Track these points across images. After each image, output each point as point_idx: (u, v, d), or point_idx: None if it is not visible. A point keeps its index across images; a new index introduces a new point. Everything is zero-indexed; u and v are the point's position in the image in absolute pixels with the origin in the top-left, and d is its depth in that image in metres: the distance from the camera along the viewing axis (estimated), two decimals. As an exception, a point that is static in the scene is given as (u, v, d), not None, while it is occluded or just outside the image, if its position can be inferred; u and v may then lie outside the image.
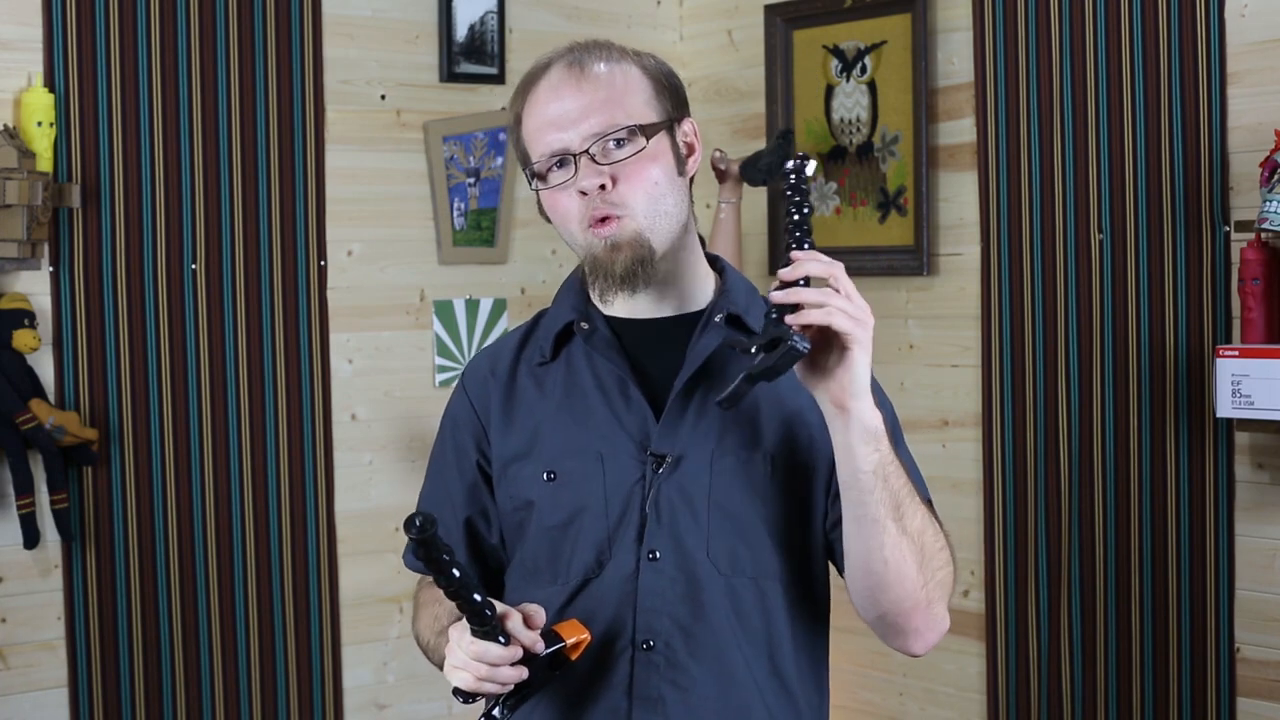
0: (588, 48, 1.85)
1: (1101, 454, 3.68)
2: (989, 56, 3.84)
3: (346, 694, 4.08)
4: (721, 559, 1.79)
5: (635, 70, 1.84)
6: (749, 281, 1.94)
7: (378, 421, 4.14)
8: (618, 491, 1.80)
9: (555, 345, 1.88)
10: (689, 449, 1.80)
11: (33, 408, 3.55)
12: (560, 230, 1.85)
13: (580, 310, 1.88)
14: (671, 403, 1.81)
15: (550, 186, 1.82)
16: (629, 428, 1.81)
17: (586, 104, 1.79)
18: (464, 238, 4.28)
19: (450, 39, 4.24)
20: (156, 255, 3.79)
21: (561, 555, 1.82)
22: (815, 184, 4.29)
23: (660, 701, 1.78)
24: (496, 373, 1.91)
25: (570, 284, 1.92)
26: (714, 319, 1.85)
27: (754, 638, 1.81)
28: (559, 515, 1.82)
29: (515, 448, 1.86)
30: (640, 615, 1.78)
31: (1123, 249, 3.62)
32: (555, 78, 1.82)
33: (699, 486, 1.79)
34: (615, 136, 1.79)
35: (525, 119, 1.84)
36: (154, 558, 3.80)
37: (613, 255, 1.79)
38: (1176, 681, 3.59)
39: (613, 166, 1.79)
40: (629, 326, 1.86)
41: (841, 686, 4.22)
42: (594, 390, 1.84)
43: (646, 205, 1.79)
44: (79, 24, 3.67)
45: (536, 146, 1.82)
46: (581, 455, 1.82)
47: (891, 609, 1.77)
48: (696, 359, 1.82)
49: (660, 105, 1.84)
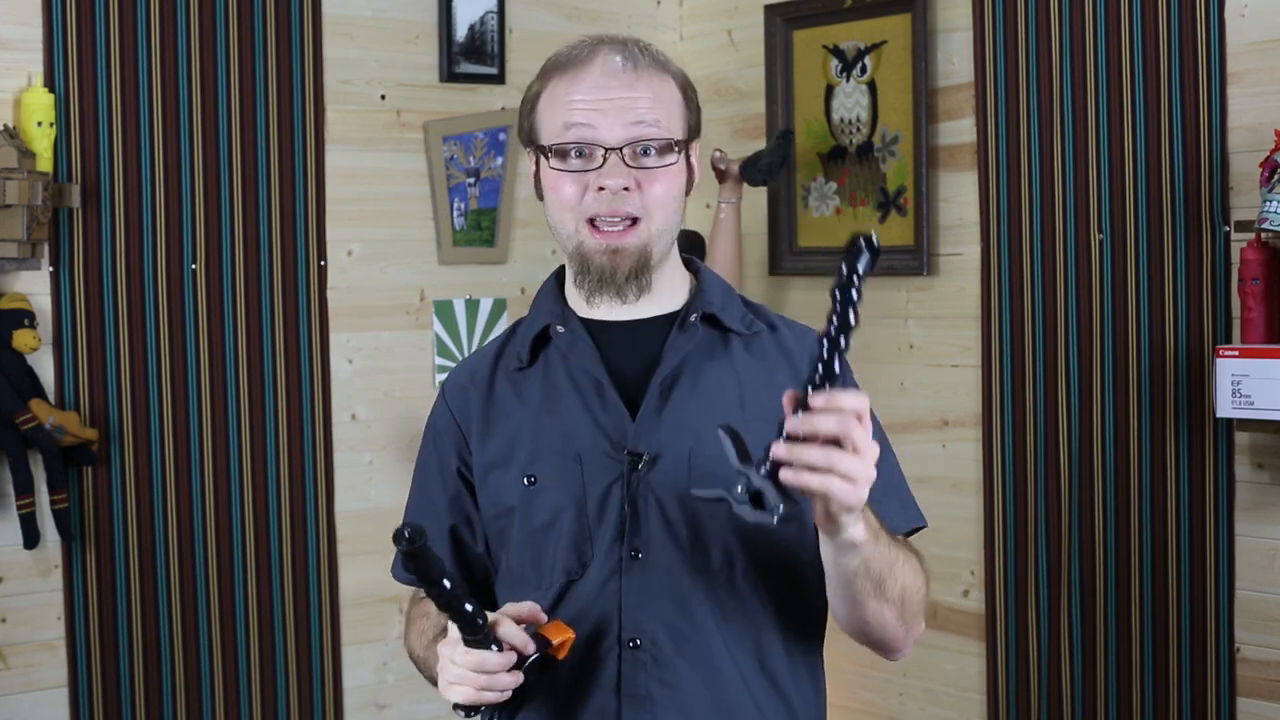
0: (642, 48, 1.83)
1: (1101, 454, 3.68)
2: (989, 56, 3.84)
3: (346, 694, 4.09)
4: (702, 557, 1.79)
5: (675, 84, 1.84)
6: (724, 281, 1.94)
7: (378, 421, 4.14)
8: (597, 491, 1.80)
9: (532, 350, 1.88)
10: (666, 446, 1.80)
11: (33, 408, 3.55)
12: (550, 212, 1.84)
13: (555, 314, 1.88)
14: (647, 401, 1.81)
15: (567, 169, 1.80)
16: (606, 428, 1.81)
17: (633, 103, 1.78)
18: (464, 238, 4.28)
19: (450, 39, 4.24)
20: (156, 255, 3.79)
21: (545, 558, 1.82)
22: (815, 183, 4.29)
23: (649, 700, 1.78)
24: (475, 381, 1.91)
25: (546, 289, 1.93)
26: (690, 318, 1.85)
27: (739, 634, 1.81)
28: (540, 519, 1.82)
29: (495, 455, 1.87)
30: (625, 614, 1.78)
31: (1123, 249, 3.62)
32: (606, 66, 1.80)
33: (677, 484, 1.79)
34: (652, 145, 1.79)
35: (556, 95, 1.81)
36: (154, 558, 3.80)
37: (614, 261, 1.79)
38: (1176, 681, 3.59)
39: (639, 172, 1.78)
40: (605, 328, 1.86)
41: (841, 686, 4.22)
42: (570, 392, 1.84)
43: (661, 216, 1.80)
44: (79, 24, 3.67)
45: (563, 127, 1.80)
46: (560, 458, 1.82)
47: (873, 643, 1.84)
48: (672, 359, 1.83)
49: (686, 123, 1.84)
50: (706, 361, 1.84)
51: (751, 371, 1.85)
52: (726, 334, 1.87)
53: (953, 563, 3.97)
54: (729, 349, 1.87)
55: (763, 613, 1.82)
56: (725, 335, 1.87)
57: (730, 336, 1.87)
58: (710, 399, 1.82)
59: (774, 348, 1.88)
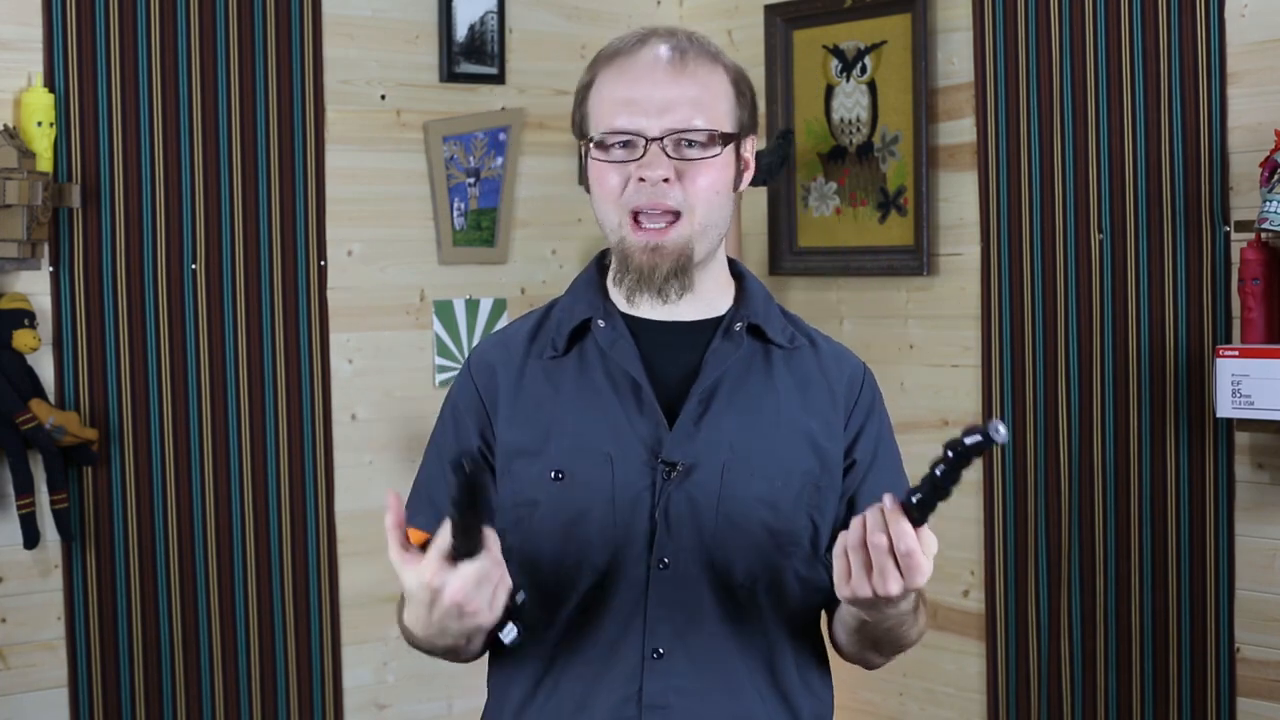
0: (691, 38, 1.83)
1: (1101, 454, 3.68)
2: (989, 56, 3.84)
3: (346, 694, 4.08)
4: (724, 570, 1.78)
5: (727, 77, 1.82)
6: (767, 289, 1.91)
7: (378, 421, 4.14)
8: (626, 496, 1.77)
9: (569, 340, 1.84)
10: (701, 458, 1.77)
11: (33, 408, 3.54)
12: (596, 204, 1.81)
13: (597, 306, 1.84)
14: (686, 410, 1.78)
15: (609, 160, 1.78)
16: (640, 431, 1.78)
17: (678, 96, 1.77)
18: (464, 238, 4.28)
19: (450, 39, 4.24)
20: (156, 255, 3.79)
21: (567, 557, 1.79)
22: (815, 183, 4.29)
23: (668, 710, 1.77)
24: (506, 362, 1.86)
25: (588, 278, 1.89)
26: (734, 327, 1.83)
27: (755, 649, 1.81)
28: (565, 516, 1.78)
29: (522, 442, 1.82)
30: (650, 624, 1.77)
31: (1123, 249, 3.62)
32: (653, 58, 1.79)
33: (709, 496, 1.77)
34: (694, 137, 1.77)
35: (603, 86, 1.80)
36: (154, 558, 3.80)
37: (654, 259, 1.76)
38: (1176, 681, 3.59)
39: (681, 164, 1.76)
40: (646, 327, 1.83)
41: (841, 686, 4.21)
42: (607, 390, 1.81)
43: (704, 211, 1.77)
44: (79, 24, 3.67)
45: (608, 118, 1.78)
46: (590, 456, 1.79)
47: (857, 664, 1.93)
48: (715, 369, 1.80)
49: (737, 117, 1.82)
50: (747, 374, 1.82)
51: (790, 390, 1.83)
52: (768, 346, 1.85)
53: (953, 563, 3.97)
54: (770, 363, 1.84)
55: (777, 628, 1.82)
56: (767, 348, 1.85)
57: (772, 350, 1.85)
58: (748, 414, 1.80)
59: (815, 367, 1.86)
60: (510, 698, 1.86)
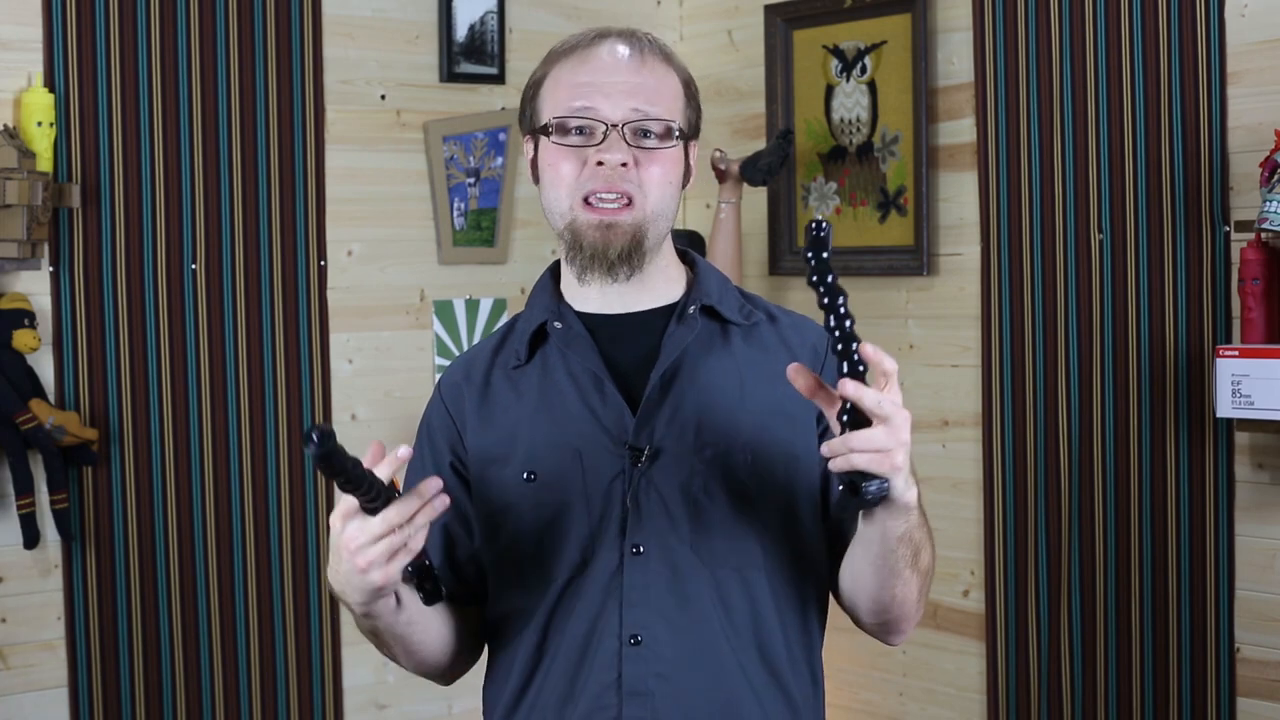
0: (648, 37, 1.87)
1: (1101, 454, 3.68)
2: (989, 56, 3.84)
3: (346, 694, 4.09)
4: (704, 551, 1.79)
5: (678, 78, 1.87)
6: (720, 272, 1.94)
7: (378, 421, 4.14)
8: (598, 487, 1.80)
9: (530, 347, 1.87)
10: (667, 441, 1.79)
11: (33, 408, 3.55)
12: (545, 192, 1.84)
13: (552, 309, 1.87)
14: (647, 396, 1.81)
15: (566, 144, 1.81)
16: (606, 423, 1.81)
17: (639, 85, 1.81)
18: (464, 238, 4.28)
19: (450, 39, 4.24)
20: (156, 255, 3.79)
21: (545, 555, 1.81)
22: (815, 183, 4.29)
23: (649, 695, 1.77)
24: (471, 377, 1.90)
25: (541, 284, 1.93)
26: (688, 310, 1.85)
27: (741, 629, 1.80)
28: (541, 515, 1.81)
29: (492, 450, 1.85)
30: (627, 610, 1.78)
31: (1123, 249, 3.62)
32: (614, 50, 1.84)
33: (678, 478, 1.79)
34: (652, 126, 1.81)
35: (560, 76, 1.85)
36: (154, 558, 3.80)
37: (607, 236, 1.80)
38: (1176, 681, 3.59)
39: (638, 152, 1.80)
40: (601, 322, 1.86)
41: (841, 686, 4.22)
42: (569, 388, 1.84)
43: (657, 199, 1.81)
44: (79, 24, 3.67)
45: (566, 100, 1.82)
46: (560, 453, 1.81)
47: (889, 621, 1.85)
48: (672, 351, 1.83)
49: (686, 118, 1.86)
50: (706, 353, 1.84)
51: (752, 362, 1.85)
52: (725, 325, 1.87)
53: (953, 563, 3.97)
54: (728, 340, 1.86)
55: (764, 605, 1.81)
56: (724, 326, 1.87)
57: (729, 328, 1.87)
58: (711, 391, 1.82)
59: (774, 338, 1.88)
60: (502, 694, 1.88)
